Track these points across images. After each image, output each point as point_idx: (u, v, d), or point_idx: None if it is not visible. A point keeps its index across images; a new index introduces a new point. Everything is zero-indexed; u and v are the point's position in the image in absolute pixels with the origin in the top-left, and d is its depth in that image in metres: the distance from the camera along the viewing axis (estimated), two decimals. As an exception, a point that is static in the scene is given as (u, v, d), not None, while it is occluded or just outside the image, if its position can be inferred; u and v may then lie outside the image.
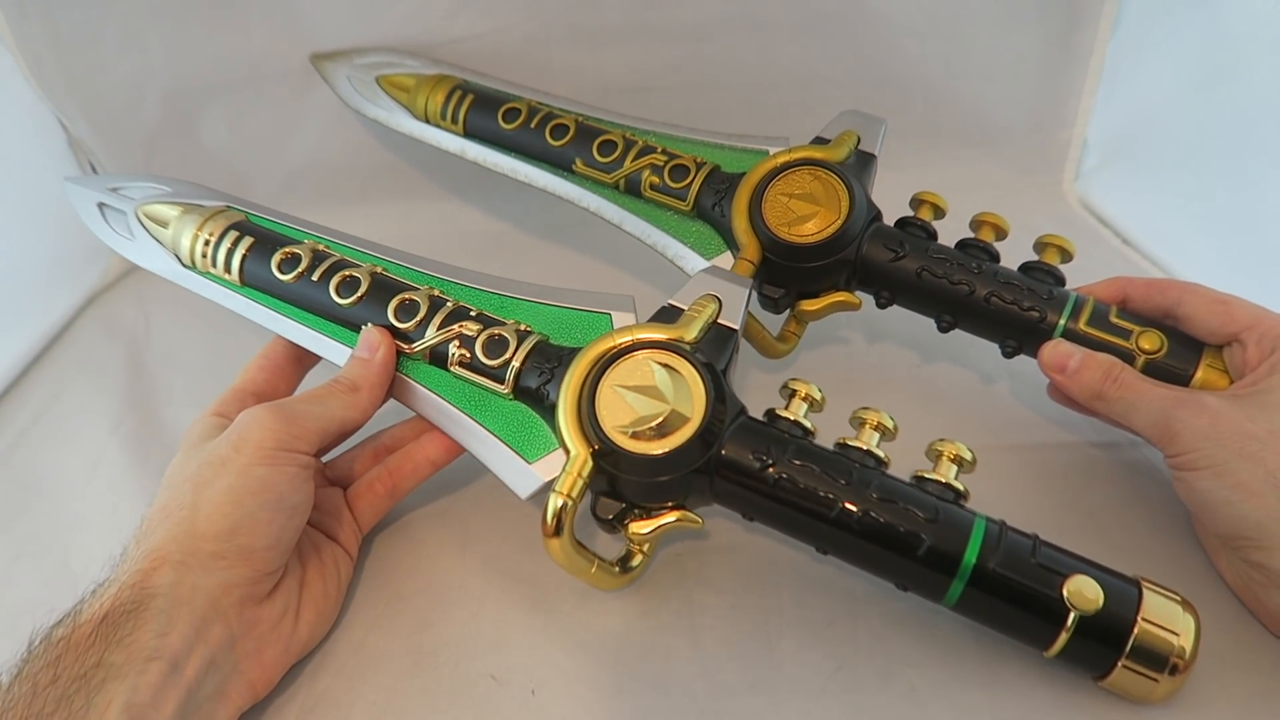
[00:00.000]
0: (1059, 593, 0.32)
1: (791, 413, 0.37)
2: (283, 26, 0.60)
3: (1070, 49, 0.65)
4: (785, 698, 0.36)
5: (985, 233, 0.46)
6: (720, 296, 0.39)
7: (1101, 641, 0.32)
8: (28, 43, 0.57)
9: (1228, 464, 0.34)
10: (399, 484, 0.42)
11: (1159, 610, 0.32)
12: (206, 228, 0.45)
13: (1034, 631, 0.33)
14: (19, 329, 0.57)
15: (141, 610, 0.31)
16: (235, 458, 0.34)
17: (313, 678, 0.37)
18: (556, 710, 0.36)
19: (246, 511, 0.33)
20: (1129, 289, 0.43)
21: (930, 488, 0.35)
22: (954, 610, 0.34)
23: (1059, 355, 0.41)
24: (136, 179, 0.49)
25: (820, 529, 0.35)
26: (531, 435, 0.38)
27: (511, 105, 0.54)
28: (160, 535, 0.33)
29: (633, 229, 0.50)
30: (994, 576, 0.33)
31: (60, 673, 0.29)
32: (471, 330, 0.40)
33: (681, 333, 0.36)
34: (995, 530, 0.34)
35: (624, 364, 0.36)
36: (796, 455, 0.35)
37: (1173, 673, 0.32)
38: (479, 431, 0.39)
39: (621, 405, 0.35)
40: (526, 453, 0.38)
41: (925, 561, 0.33)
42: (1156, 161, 0.64)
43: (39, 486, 0.49)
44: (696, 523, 0.37)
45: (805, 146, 0.47)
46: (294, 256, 0.43)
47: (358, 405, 0.38)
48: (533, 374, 0.38)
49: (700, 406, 0.34)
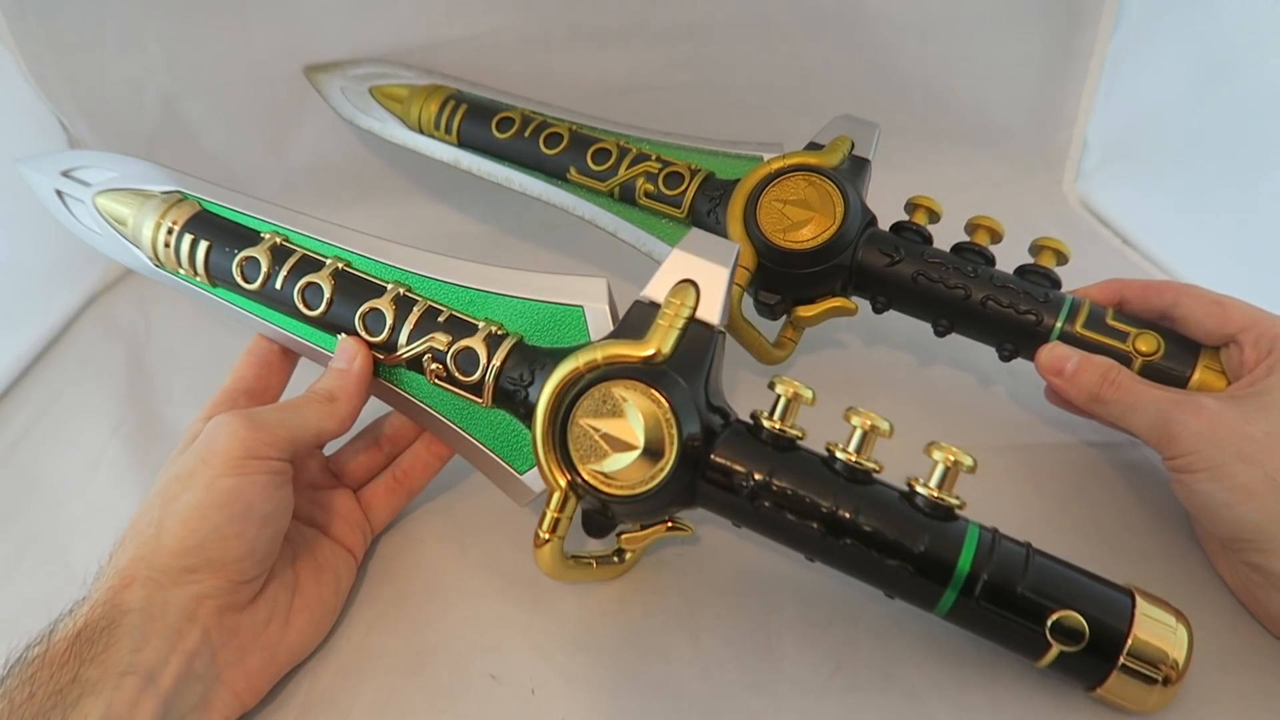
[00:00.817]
0: (1043, 630, 0.32)
1: (776, 421, 0.35)
2: (282, 27, 0.60)
3: (1070, 49, 0.65)
4: (785, 698, 0.36)
5: (980, 236, 0.46)
6: (697, 281, 0.36)
7: (1093, 655, 0.32)
8: (28, 43, 0.57)
9: (1226, 466, 0.34)
10: (412, 484, 0.43)
11: (1151, 623, 0.32)
12: (164, 226, 0.43)
13: (1024, 645, 0.33)
14: (19, 329, 0.57)
15: (115, 627, 0.31)
16: (203, 470, 0.34)
17: (312, 677, 0.37)
18: (556, 710, 0.36)
19: (212, 526, 0.33)
20: (1125, 291, 0.43)
21: (920, 502, 0.34)
22: (945, 620, 0.35)
23: (1056, 358, 0.41)
24: (83, 155, 0.47)
25: (806, 544, 0.35)
26: (519, 444, 0.38)
27: (505, 115, 0.54)
28: (129, 554, 0.33)
29: (628, 237, 0.50)
30: (981, 611, 0.33)
31: (36, 689, 0.29)
32: (442, 344, 0.38)
33: (655, 347, 0.34)
34: (986, 547, 0.33)
35: (594, 396, 0.34)
36: (778, 474, 0.34)
37: (1165, 684, 0.32)
38: (468, 440, 0.39)
39: (593, 446, 0.34)
40: (516, 463, 0.38)
41: (908, 587, 0.34)
42: (1156, 161, 0.64)
43: (39, 487, 0.49)
44: (688, 530, 0.38)
45: (799, 152, 0.47)
46: (253, 260, 0.41)
47: (335, 416, 0.38)
48: (508, 384, 0.37)
49: (672, 447, 0.33)
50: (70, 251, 0.60)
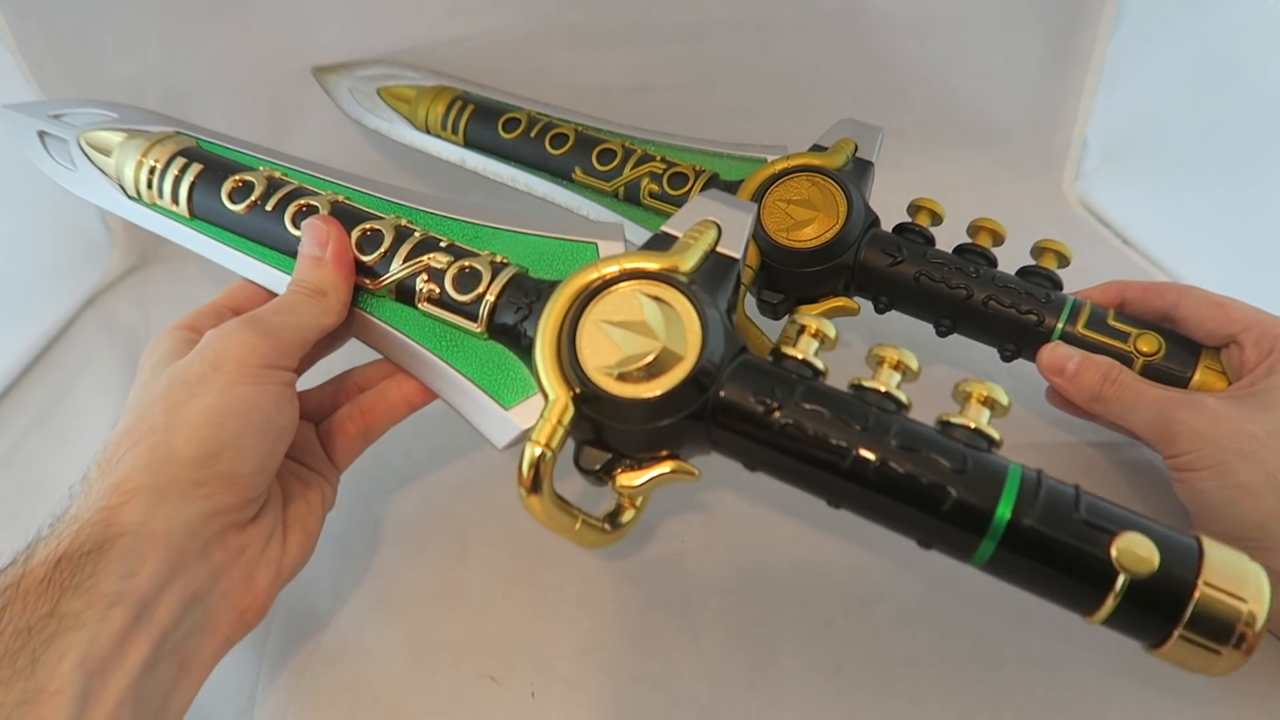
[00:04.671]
0: (1106, 553, 0.27)
1: (800, 350, 0.32)
2: (282, 27, 0.60)
3: (1070, 49, 0.65)
4: (785, 698, 0.36)
5: (983, 238, 0.46)
6: (720, 223, 0.35)
7: (1155, 608, 0.27)
8: (28, 43, 0.57)
9: (1227, 464, 0.34)
10: (373, 424, 0.39)
11: (1224, 570, 0.27)
12: (152, 154, 0.42)
13: (1076, 595, 0.28)
14: (19, 329, 0.57)
15: (106, 549, 0.27)
16: (215, 376, 0.31)
17: (312, 676, 0.37)
18: (556, 711, 0.36)
19: (230, 434, 0.30)
20: (1126, 292, 0.44)
21: (958, 434, 0.30)
22: (984, 570, 0.30)
23: (1057, 358, 0.41)
24: (80, 104, 0.47)
25: (832, 480, 0.31)
26: (508, 378, 0.35)
27: (511, 115, 0.55)
28: (129, 464, 0.29)
29: (632, 237, 0.50)
30: (1031, 534, 0.28)
31: (3, 626, 0.25)
32: (441, 262, 0.36)
33: (676, 262, 0.32)
34: (1033, 480, 0.29)
35: (609, 297, 0.32)
36: (805, 397, 0.31)
37: (1239, 644, 0.26)
38: (451, 374, 0.36)
39: (606, 343, 0.31)
40: (503, 398, 0.35)
41: (951, 517, 0.29)
42: (1156, 161, 0.64)
43: (40, 488, 0.49)
44: (693, 474, 0.33)
45: (803, 154, 0.47)
46: (246, 185, 0.40)
47: (329, 310, 0.35)
48: (509, 310, 0.35)
49: (695, 343, 0.31)
50: (70, 251, 0.61)
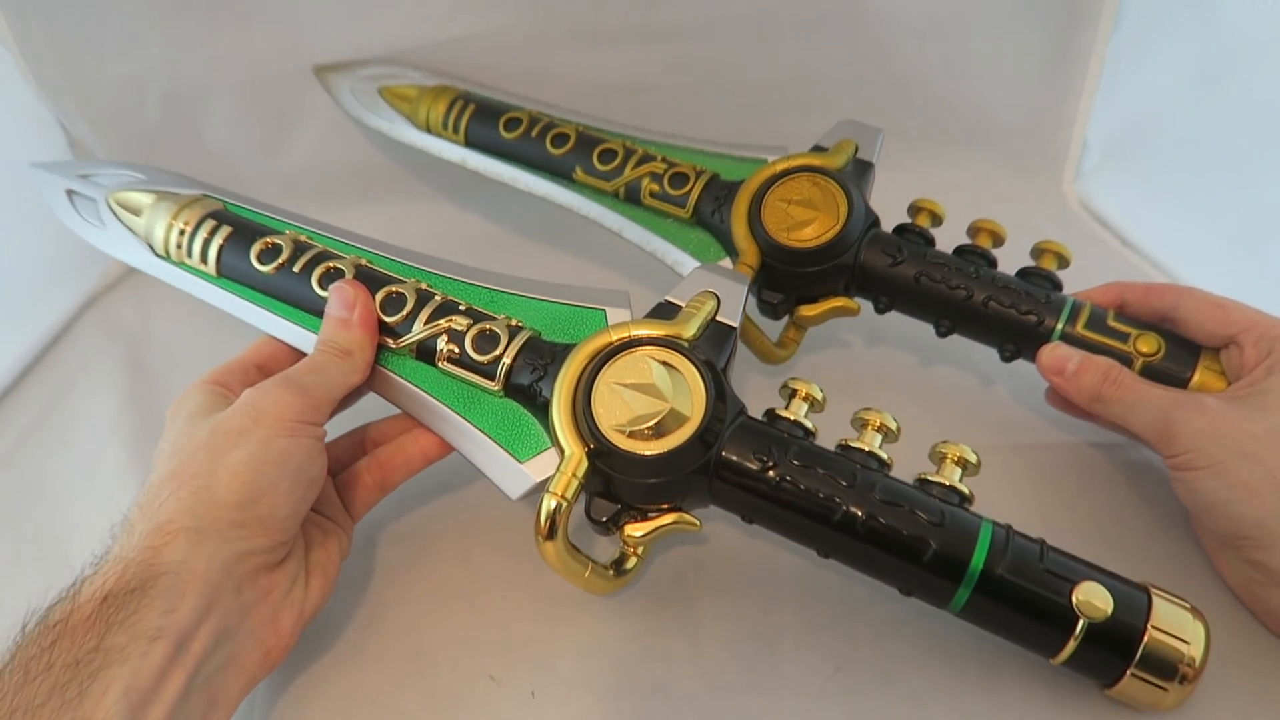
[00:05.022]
0: (1068, 600, 0.32)
1: (792, 413, 0.36)
2: (282, 27, 0.60)
3: (1070, 49, 0.65)
4: (785, 698, 0.36)
5: (983, 239, 0.46)
6: (718, 293, 0.38)
7: (1110, 650, 0.32)
8: (28, 43, 0.57)
9: (1227, 463, 0.34)
10: (389, 477, 0.41)
11: (1169, 618, 0.32)
12: (182, 216, 0.44)
13: (1041, 639, 0.33)
14: (19, 330, 0.57)
15: (149, 587, 0.30)
16: (254, 429, 0.34)
17: (312, 676, 0.38)
18: (556, 712, 0.36)
19: (269, 481, 0.33)
20: (1126, 293, 0.44)
21: (935, 491, 0.34)
22: (959, 616, 0.34)
23: (1057, 358, 0.41)
24: (108, 165, 0.49)
25: (823, 532, 0.34)
26: (523, 434, 0.37)
27: (512, 115, 0.54)
28: (172, 506, 0.32)
29: (632, 236, 0.50)
30: (1002, 582, 0.32)
31: (55, 659, 0.27)
32: (461, 325, 0.39)
33: (680, 329, 0.36)
34: (1002, 535, 0.33)
35: (621, 361, 0.35)
36: (798, 456, 0.34)
37: (1182, 681, 0.31)
38: (468, 429, 0.38)
39: (619, 403, 0.34)
40: (518, 452, 0.37)
41: (931, 567, 0.33)
42: (1156, 161, 0.64)
43: (40, 488, 0.49)
44: (694, 525, 0.36)
45: (804, 154, 0.47)
46: (274, 247, 0.42)
47: (355, 369, 0.38)
48: (525, 371, 0.37)
49: (700, 405, 0.34)
50: (70, 252, 0.60)
